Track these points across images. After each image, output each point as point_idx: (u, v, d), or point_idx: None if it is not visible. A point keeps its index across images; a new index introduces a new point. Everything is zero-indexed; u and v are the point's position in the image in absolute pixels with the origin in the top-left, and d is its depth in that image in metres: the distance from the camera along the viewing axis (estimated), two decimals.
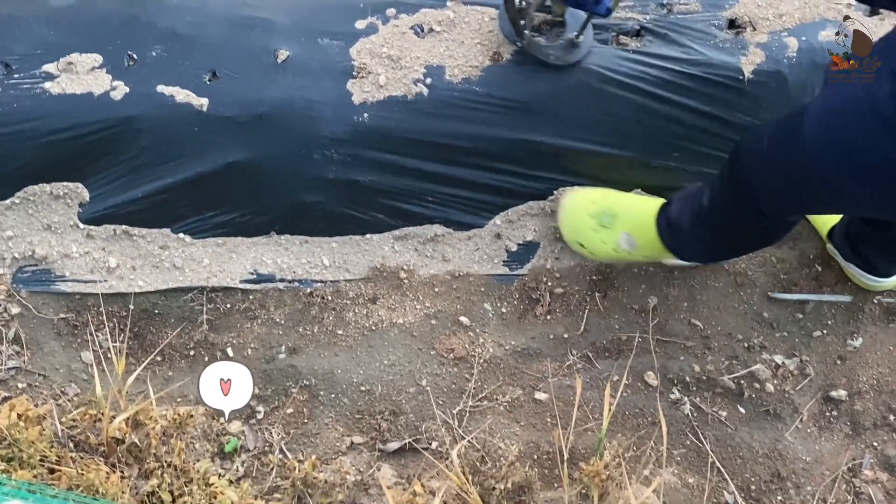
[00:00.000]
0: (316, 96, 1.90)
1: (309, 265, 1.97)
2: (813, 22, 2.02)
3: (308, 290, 1.95)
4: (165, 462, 1.70)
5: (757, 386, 1.93)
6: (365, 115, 1.90)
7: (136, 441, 1.69)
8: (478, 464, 1.77)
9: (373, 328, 1.94)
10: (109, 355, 1.86)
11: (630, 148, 1.97)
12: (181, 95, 1.87)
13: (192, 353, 1.91)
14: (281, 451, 1.83)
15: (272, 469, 1.80)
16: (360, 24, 1.97)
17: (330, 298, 1.95)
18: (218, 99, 1.88)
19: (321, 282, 1.97)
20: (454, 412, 1.89)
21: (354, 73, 1.92)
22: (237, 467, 1.79)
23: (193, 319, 1.92)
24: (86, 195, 1.91)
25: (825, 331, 2.00)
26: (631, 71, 1.93)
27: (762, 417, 1.92)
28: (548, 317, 1.99)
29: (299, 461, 1.79)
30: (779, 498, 1.87)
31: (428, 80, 1.92)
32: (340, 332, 1.94)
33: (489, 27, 1.96)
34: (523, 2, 1.87)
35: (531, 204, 2.01)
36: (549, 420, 1.90)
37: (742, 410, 1.93)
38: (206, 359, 1.90)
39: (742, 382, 1.94)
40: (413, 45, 1.95)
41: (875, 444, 1.93)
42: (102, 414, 1.69)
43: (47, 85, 1.87)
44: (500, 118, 1.92)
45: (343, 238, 1.99)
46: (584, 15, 1.87)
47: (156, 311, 1.92)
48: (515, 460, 1.77)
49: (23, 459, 1.61)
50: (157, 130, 1.87)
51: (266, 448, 1.83)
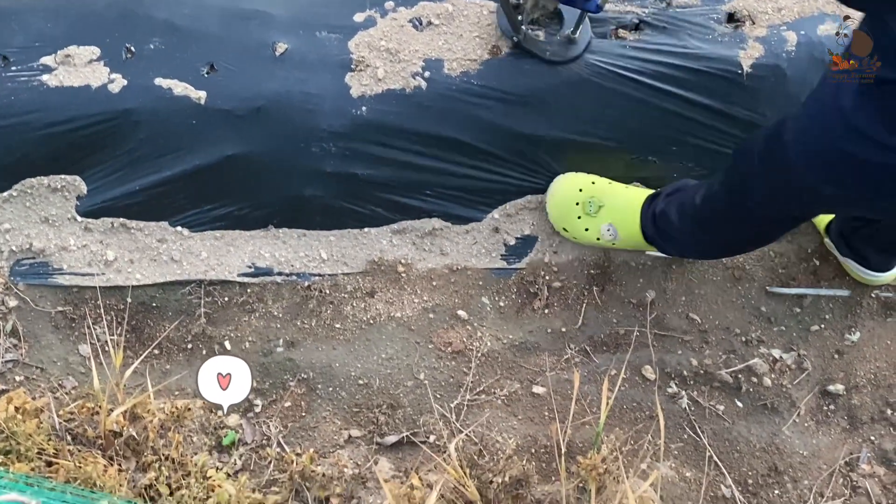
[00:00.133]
0: (314, 89, 1.90)
1: (307, 259, 1.97)
2: (812, 16, 2.02)
3: (306, 284, 1.95)
4: (163, 455, 1.70)
5: (754, 380, 1.94)
6: (363, 109, 1.90)
7: (134, 434, 1.69)
8: (475, 457, 1.77)
9: (371, 322, 1.94)
10: (107, 348, 1.85)
11: (628, 141, 1.97)
12: (179, 88, 1.87)
13: (190, 347, 1.90)
14: (279, 445, 1.83)
15: (270, 462, 1.80)
16: (359, 17, 1.96)
17: (328, 292, 1.95)
18: (216, 92, 1.88)
19: (319, 275, 1.96)
20: (452, 406, 1.89)
21: (353, 67, 1.92)
22: (235, 460, 1.79)
23: (191, 313, 1.92)
24: (83, 188, 1.91)
25: (823, 325, 2.00)
26: (629, 64, 1.92)
27: (760, 411, 1.93)
28: (546, 311, 1.99)
29: (297, 454, 1.79)
30: (776, 492, 1.87)
31: (426, 74, 1.92)
32: (338, 326, 1.94)
33: (488, 21, 1.96)
34: None
35: (529, 198, 2.01)
36: (547, 414, 1.90)
37: (739, 404, 1.93)
38: (204, 352, 1.90)
39: (740, 376, 1.94)
40: (411, 39, 1.94)
41: (872, 439, 1.93)
42: (100, 407, 1.69)
43: (45, 77, 1.86)
44: (499, 112, 1.92)
45: (341, 232, 1.99)
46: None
47: (153, 305, 1.92)
48: (513, 454, 1.77)
49: (20, 452, 1.61)
50: (155, 123, 1.87)
51: (264, 441, 1.83)
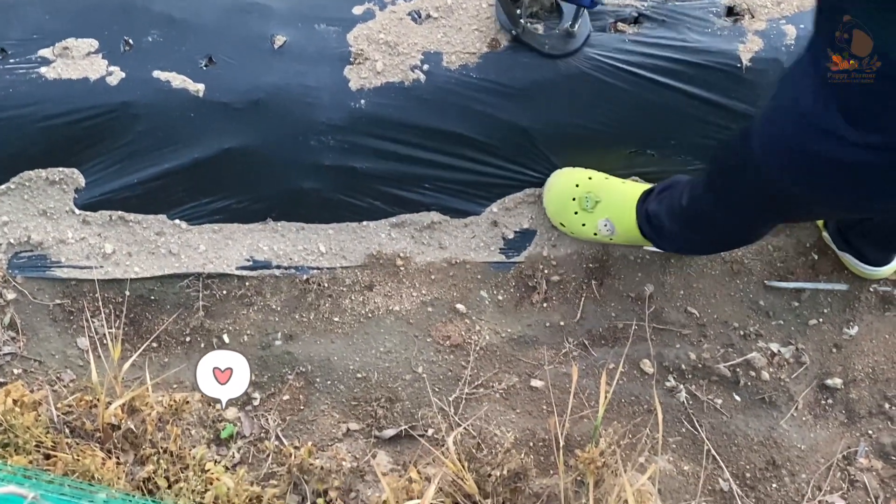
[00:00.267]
0: (313, 82, 1.89)
1: (305, 252, 1.97)
2: (811, 10, 2.01)
3: (304, 277, 1.95)
4: (161, 448, 1.70)
5: (752, 374, 1.94)
6: (362, 102, 1.89)
7: (132, 427, 1.69)
8: (474, 451, 1.77)
9: (369, 315, 1.94)
10: (105, 341, 1.85)
11: (626, 135, 1.97)
12: (177, 81, 1.87)
13: (189, 340, 1.90)
14: (277, 438, 1.83)
15: (268, 455, 1.80)
16: (358, 10, 1.96)
17: (326, 285, 1.95)
18: (214, 84, 1.87)
19: (317, 269, 1.96)
20: (450, 399, 1.89)
21: (351, 60, 1.91)
22: (233, 454, 1.79)
23: (189, 306, 1.92)
24: (82, 181, 1.90)
25: (821, 319, 2.00)
26: (628, 58, 1.92)
27: (757, 405, 1.93)
28: (544, 304, 1.99)
29: (295, 448, 1.79)
30: (773, 485, 1.87)
31: (425, 67, 1.91)
32: (337, 319, 1.94)
33: (487, 14, 1.95)
34: None
35: (528, 191, 2.01)
36: (545, 407, 1.90)
37: (737, 398, 1.93)
38: (203, 345, 1.90)
39: (738, 370, 1.94)
40: (410, 32, 1.94)
41: (870, 433, 1.93)
42: (98, 400, 1.69)
43: (43, 70, 1.86)
44: (497, 105, 1.92)
45: (339, 225, 1.99)
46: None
47: (152, 298, 1.92)
48: (511, 447, 1.77)
49: (18, 445, 1.61)
50: (154, 116, 1.87)
51: (262, 435, 1.83)
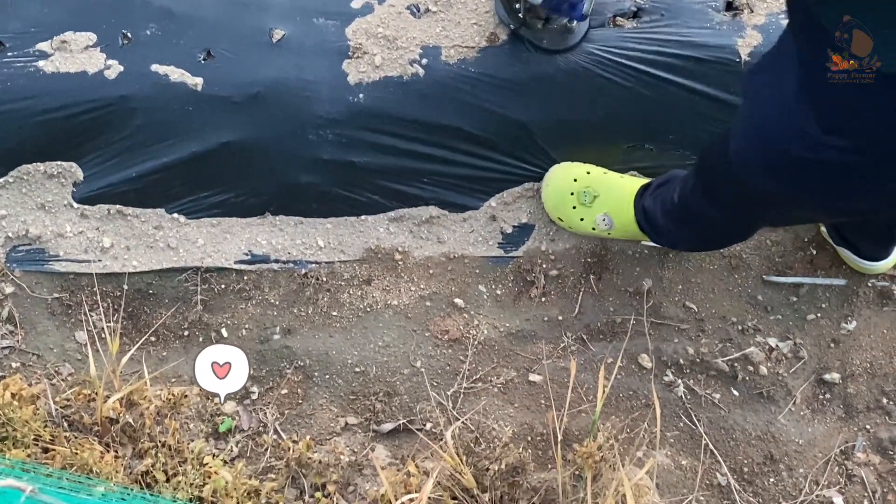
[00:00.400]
0: (311, 76, 1.89)
1: (303, 246, 1.97)
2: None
3: (303, 271, 1.95)
4: (159, 442, 1.70)
5: (750, 368, 1.94)
6: (360, 96, 1.89)
7: (131, 421, 1.69)
8: (472, 445, 1.78)
9: (367, 309, 1.94)
10: (103, 335, 1.85)
11: (625, 130, 1.97)
12: (176, 74, 1.86)
13: (187, 334, 1.90)
14: (275, 432, 1.83)
15: (266, 449, 1.80)
16: (356, 4, 1.96)
17: (324, 280, 1.95)
18: (213, 78, 1.87)
19: (316, 263, 1.96)
20: (448, 393, 1.89)
21: (350, 54, 1.91)
22: (231, 447, 1.79)
23: (188, 300, 1.92)
24: (80, 174, 1.90)
25: (819, 314, 2.00)
26: (627, 53, 1.92)
27: (755, 400, 1.93)
28: (542, 299, 1.99)
29: (293, 442, 1.79)
30: (771, 480, 1.87)
31: (424, 61, 1.91)
32: (335, 314, 1.94)
33: (486, 7, 1.95)
34: None
35: (526, 186, 2.01)
36: (543, 402, 1.90)
37: (735, 393, 1.93)
38: (201, 339, 1.90)
39: (736, 365, 1.94)
40: (409, 26, 1.94)
41: (868, 427, 1.94)
42: (96, 394, 1.70)
43: (41, 63, 1.86)
44: (496, 99, 1.92)
45: (338, 219, 1.98)
46: None
47: (150, 292, 1.92)
48: (509, 441, 1.78)
49: (16, 439, 1.61)
50: (152, 110, 1.87)
51: (260, 428, 1.84)
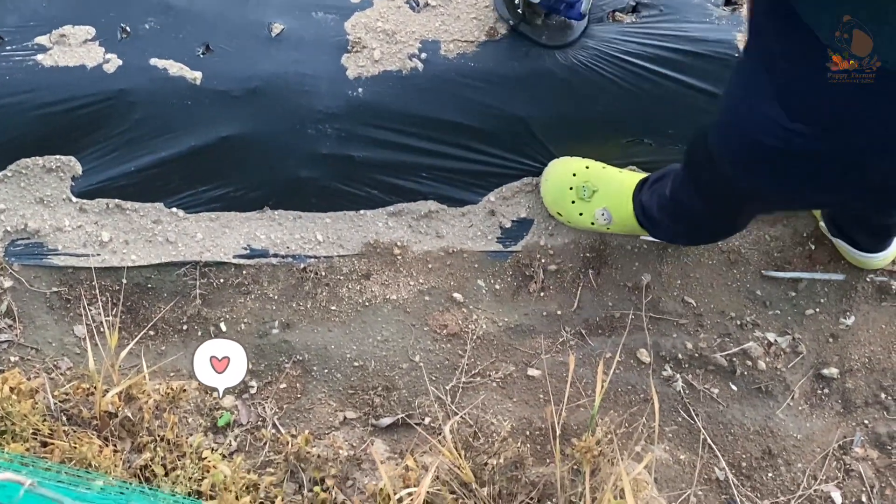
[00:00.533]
0: (310, 71, 1.89)
1: (302, 241, 1.97)
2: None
3: (301, 266, 1.95)
4: (158, 436, 1.70)
5: (749, 363, 1.94)
6: (359, 90, 1.89)
7: (129, 415, 1.69)
8: (470, 439, 1.78)
9: (366, 304, 1.94)
10: (102, 329, 1.85)
11: (624, 124, 1.96)
12: (174, 69, 1.86)
13: (186, 328, 1.90)
14: (274, 426, 1.83)
15: (265, 444, 1.80)
16: None
17: (323, 274, 1.95)
18: (211, 72, 1.87)
19: (315, 257, 1.96)
20: (447, 388, 1.89)
21: (349, 48, 1.91)
22: (230, 442, 1.79)
23: (186, 294, 1.92)
24: (78, 169, 1.90)
25: (818, 309, 2.01)
26: (626, 48, 1.92)
27: (754, 395, 1.93)
28: (541, 294, 1.99)
29: (292, 436, 1.79)
30: (769, 475, 1.88)
31: (423, 56, 1.91)
32: (334, 308, 1.94)
33: (485, 2, 1.95)
34: None
35: (525, 180, 2.01)
36: (542, 396, 1.90)
37: (734, 388, 1.93)
38: (200, 333, 1.90)
39: (734, 360, 1.94)
40: (408, 20, 1.94)
41: (866, 422, 1.94)
42: (95, 388, 1.70)
43: (40, 57, 1.86)
44: (495, 94, 1.92)
45: (337, 214, 1.98)
46: None
47: (149, 286, 1.92)
48: (508, 436, 1.78)
49: (15, 433, 1.61)
50: (151, 104, 1.87)
51: (259, 423, 1.84)
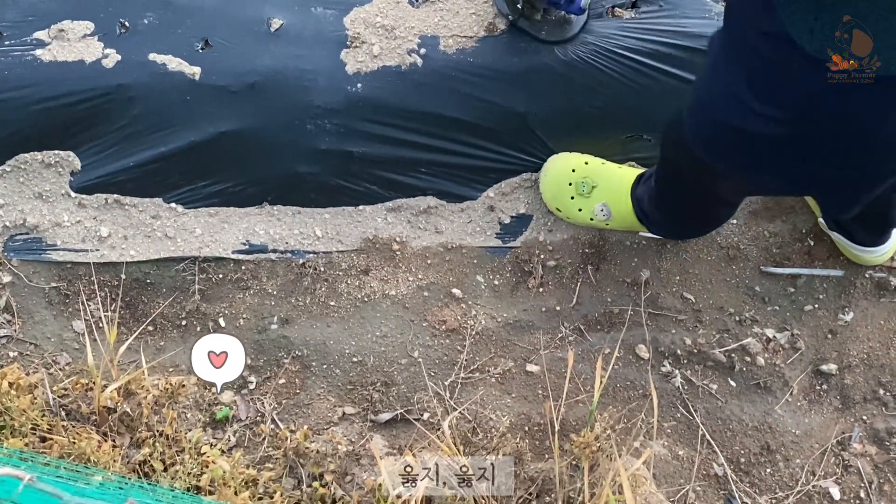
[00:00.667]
0: (309, 66, 1.89)
1: (301, 236, 1.97)
2: None
3: (300, 261, 1.95)
4: (157, 431, 1.70)
5: (748, 359, 1.94)
6: (359, 86, 1.89)
7: (128, 410, 1.69)
8: (469, 435, 1.78)
9: (365, 299, 1.94)
10: (101, 325, 1.85)
11: (624, 120, 1.96)
12: (173, 64, 1.86)
13: (185, 323, 1.90)
14: (273, 422, 1.83)
15: (264, 439, 1.80)
16: None
17: (322, 269, 1.95)
18: (210, 68, 1.87)
19: (313, 253, 1.96)
20: (446, 384, 1.89)
21: (348, 43, 1.91)
22: (229, 437, 1.79)
23: (185, 289, 1.92)
24: (77, 164, 1.90)
25: (816, 305, 2.01)
26: (625, 43, 1.92)
27: (752, 390, 1.93)
28: (540, 289, 1.99)
29: (291, 431, 1.79)
30: (768, 470, 1.88)
31: (422, 51, 1.91)
32: (333, 304, 1.94)
33: None
34: None
35: (524, 176, 2.01)
36: (541, 392, 1.90)
37: (733, 383, 1.94)
38: (199, 329, 1.90)
39: (733, 356, 1.94)
40: (407, 15, 1.93)
41: (864, 418, 1.94)
42: (94, 383, 1.69)
43: (38, 52, 1.85)
44: (494, 90, 1.91)
45: (336, 209, 1.98)
46: None
47: (148, 281, 1.92)
48: (507, 431, 1.78)
49: (14, 428, 1.61)
50: (150, 99, 1.86)
51: (258, 418, 1.84)
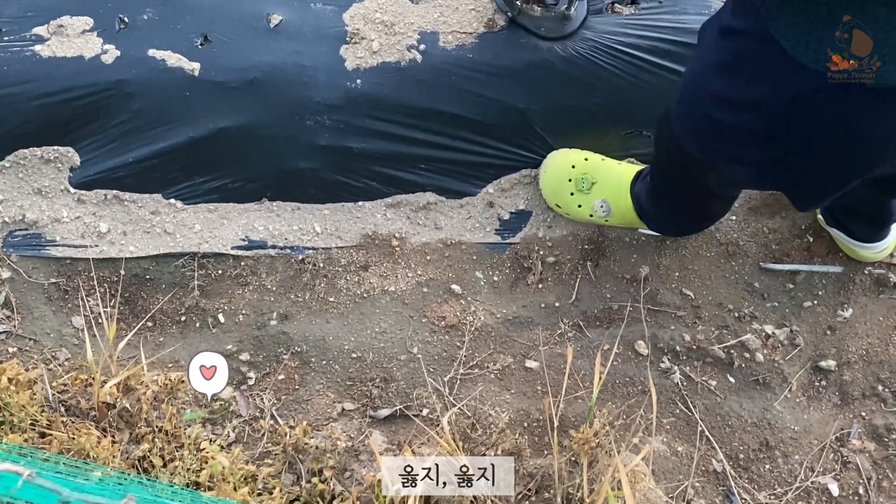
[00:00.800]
0: (308, 62, 1.89)
1: (301, 232, 1.97)
2: None
3: (300, 257, 1.95)
4: (156, 427, 1.70)
5: (747, 355, 1.94)
6: (358, 82, 1.89)
7: (127, 406, 1.69)
8: (468, 431, 1.78)
9: (364, 295, 1.94)
10: (100, 320, 1.85)
11: (623, 116, 1.96)
12: (173, 59, 1.86)
13: (184, 319, 1.90)
14: (272, 417, 1.83)
15: (263, 435, 1.80)
16: None
17: (321, 265, 1.95)
18: (210, 63, 1.87)
19: (313, 249, 1.96)
20: (445, 380, 1.89)
21: (348, 39, 1.91)
22: (228, 433, 1.79)
23: (185, 285, 1.92)
24: (77, 159, 1.90)
25: (815, 301, 2.01)
26: (625, 39, 1.92)
27: (751, 387, 1.93)
28: (539, 285, 1.99)
29: (290, 427, 1.79)
30: (767, 466, 1.88)
31: (422, 47, 1.91)
32: (332, 300, 1.94)
33: None
34: None
35: (524, 172, 2.01)
36: (540, 388, 1.91)
37: (732, 380, 1.94)
38: (198, 325, 1.90)
39: (732, 352, 1.94)
40: (407, 11, 1.93)
41: (863, 414, 1.94)
42: (93, 379, 1.69)
43: (38, 48, 1.85)
44: (494, 86, 1.91)
45: (335, 205, 1.98)
46: None
47: (147, 277, 1.92)
48: (506, 427, 1.78)
49: (13, 423, 1.61)
50: (149, 95, 1.86)
51: (257, 414, 1.84)
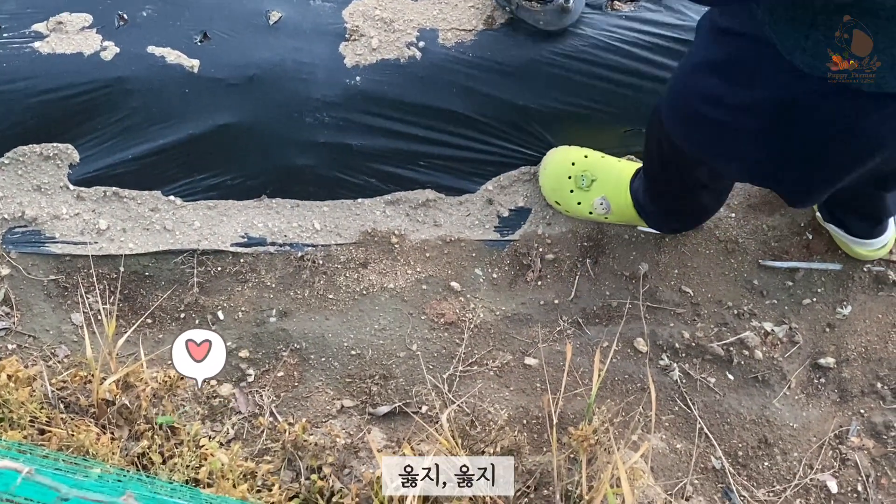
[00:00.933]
0: (308, 59, 1.89)
1: (300, 229, 1.97)
2: None
3: (299, 254, 1.95)
4: (156, 424, 1.70)
5: (746, 353, 1.94)
6: (357, 79, 1.89)
7: (127, 403, 1.69)
8: (467, 428, 1.78)
9: (364, 293, 1.95)
10: (99, 317, 1.85)
11: (622, 113, 1.96)
12: (172, 56, 1.86)
13: (183, 316, 1.90)
14: (271, 414, 1.84)
15: (262, 432, 1.80)
16: None
17: (321, 262, 1.95)
18: (209, 60, 1.87)
19: (312, 246, 1.96)
20: (444, 377, 1.89)
21: (347, 36, 1.91)
22: (227, 430, 1.80)
23: (184, 282, 1.92)
24: (76, 156, 1.90)
25: (814, 298, 2.01)
26: (624, 36, 1.91)
27: (750, 384, 1.93)
28: (538, 283, 1.99)
29: (290, 424, 1.79)
30: (766, 464, 1.88)
31: (421, 44, 1.91)
32: (331, 297, 1.94)
33: None
34: None
35: (523, 169, 2.01)
36: (539, 385, 1.91)
37: (730, 377, 1.94)
38: (197, 322, 1.90)
39: (731, 349, 1.94)
40: (406, 8, 1.93)
41: (862, 412, 1.94)
42: (93, 375, 1.70)
43: (37, 44, 1.85)
44: (493, 83, 1.91)
45: (334, 202, 1.98)
46: None
47: (146, 274, 1.92)
48: (505, 425, 1.78)
49: (13, 420, 1.61)
50: (148, 91, 1.86)
51: (256, 411, 1.84)
